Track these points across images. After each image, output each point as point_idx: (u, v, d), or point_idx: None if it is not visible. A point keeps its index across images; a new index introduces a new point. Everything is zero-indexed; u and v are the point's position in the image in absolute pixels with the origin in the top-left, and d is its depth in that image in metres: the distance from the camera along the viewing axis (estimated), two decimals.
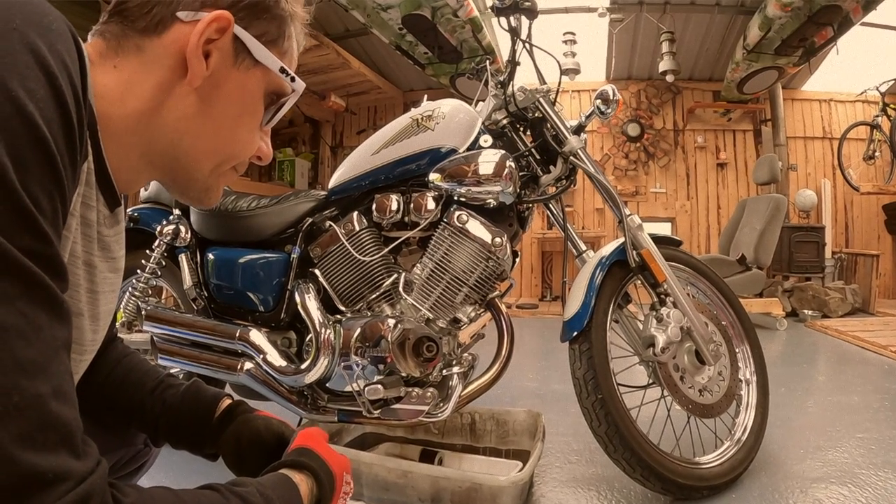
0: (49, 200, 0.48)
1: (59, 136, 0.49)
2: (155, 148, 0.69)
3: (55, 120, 0.49)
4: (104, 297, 0.72)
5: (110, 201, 0.68)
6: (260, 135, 0.77)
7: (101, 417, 0.93)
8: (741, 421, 1.91)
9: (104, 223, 0.69)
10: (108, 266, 0.72)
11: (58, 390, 0.46)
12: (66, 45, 0.53)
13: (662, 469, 1.62)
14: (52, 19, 0.53)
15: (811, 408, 2.68)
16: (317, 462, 0.82)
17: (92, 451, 0.50)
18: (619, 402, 1.63)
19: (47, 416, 0.45)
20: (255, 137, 0.76)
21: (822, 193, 7.25)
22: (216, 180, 0.76)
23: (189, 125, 0.69)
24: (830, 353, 4.15)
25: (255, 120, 0.75)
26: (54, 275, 0.48)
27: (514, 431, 1.91)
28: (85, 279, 0.66)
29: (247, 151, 0.76)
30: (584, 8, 6.02)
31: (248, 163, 0.78)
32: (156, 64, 0.66)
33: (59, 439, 0.45)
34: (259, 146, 0.77)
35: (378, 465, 1.57)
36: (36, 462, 0.43)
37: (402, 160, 1.75)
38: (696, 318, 1.78)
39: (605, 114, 1.84)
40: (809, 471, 1.88)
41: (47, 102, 0.48)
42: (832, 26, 4.98)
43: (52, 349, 0.47)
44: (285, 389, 1.68)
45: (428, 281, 1.65)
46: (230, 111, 0.71)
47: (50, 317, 0.47)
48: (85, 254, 0.65)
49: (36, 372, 0.44)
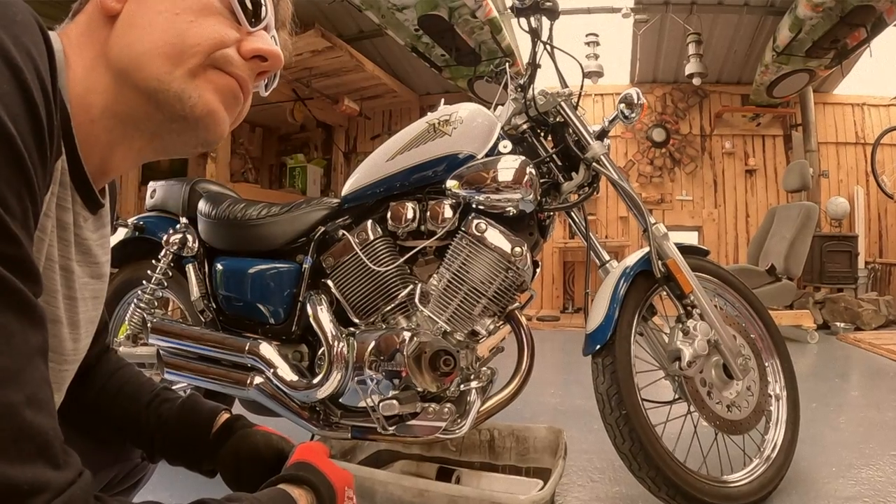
0: (18, 200, 0.47)
1: (26, 132, 0.48)
2: (110, 96, 0.64)
3: (22, 116, 0.47)
4: (84, 303, 0.70)
5: (89, 202, 0.66)
6: (249, 36, 0.69)
7: (96, 432, 0.92)
8: (771, 438, 1.88)
9: (84, 226, 0.67)
10: (89, 272, 0.70)
11: (32, 398, 0.44)
12: (32, 37, 0.51)
13: (689, 488, 1.59)
14: (17, 10, 0.51)
15: (843, 424, 2.64)
16: (317, 476, 0.80)
17: (72, 462, 0.48)
18: (643, 418, 1.61)
19: (21, 425, 0.43)
20: (213, 24, 0.66)
21: (855, 201, 7.15)
22: (187, 83, 0.64)
23: (121, 43, 0.64)
24: (863, 367, 4.14)
25: (202, 10, 0.66)
26: (26, 278, 0.46)
27: (534, 448, 1.88)
28: (62, 285, 0.64)
29: (201, 37, 0.65)
30: (607, 8, 5.96)
31: (247, 67, 0.69)
32: (88, 26, 0.65)
33: (35, 449, 0.44)
34: (248, 43, 0.68)
35: (393, 484, 1.53)
36: (10, 474, 0.41)
37: (418, 167, 1.72)
38: (723, 330, 1.75)
39: (629, 118, 1.82)
40: (842, 490, 1.86)
41: (12, 98, 0.47)
42: (865, 27, 4.92)
43: (24, 356, 0.45)
44: (296, 405, 1.67)
45: (445, 292, 1.62)
46: (161, 10, 0.64)
47: (22, 322, 0.45)
48: (62, 258, 0.64)
49: (7, 381, 0.43)
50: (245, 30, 0.68)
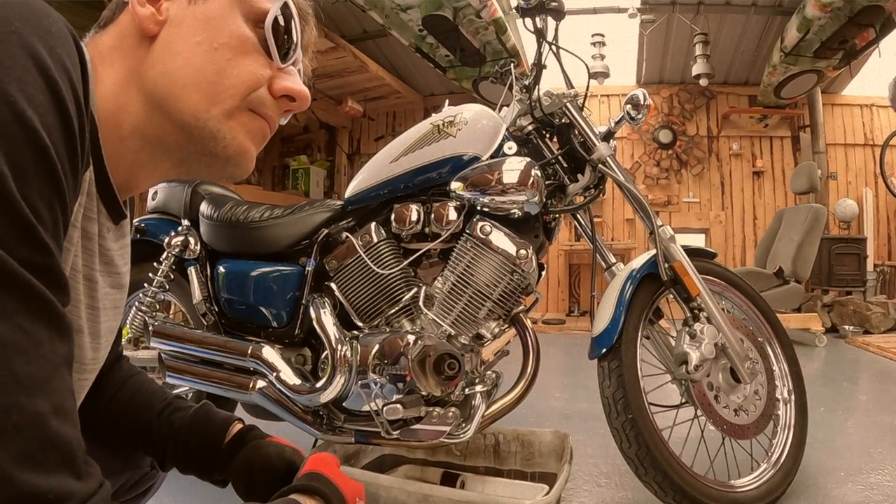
0: (49, 210, 0.47)
1: (59, 143, 0.48)
2: (141, 119, 0.65)
3: (55, 126, 0.48)
4: (105, 313, 0.71)
5: (113, 213, 0.67)
6: (279, 73, 0.70)
7: (107, 439, 0.92)
8: (778, 442, 1.88)
9: (107, 236, 0.68)
10: (111, 282, 0.71)
11: (59, 408, 0.45)
12: (66, 48, 0.52)
13: (696, 492, 1.59)
14: (52, 21, 0.52)
15: (852, 428, 2.64)
16: (328, 487, 0.79)
17: (94, 472, 0.49)
18: (650, 423, 1.61)
19: (48, 435, 0.43)
20: (250, 64, 0.68)
21: (864, 203, 7.12)
22: (222, 124, 0.66)
23: (158, 71, 0.65)
24: (872, 370, 4.13)
25: (242, 44, 0.67)
26: (55, 288, 0.47)
27: (539, 453, 1.85)
28: (85, 294, 0.65)
29: (240, 80, 0.67)
30: (613, 8, 5.96)
31: (277, 107, 0.71)
32: (121, 42, 0.66)
33: (60, 459, 0.44)
34: (278, 82, 0.70)
35: (397, 489, 1.51)
36: (36, 483, 0.42)
37: (422, 168, 1.72)
38: (731, 334, 1.75)
39: (635, 119, 1.80)
40: (850, 494, 1.85)
41: (47, 108, 0.48)
42: (874, 27, 4.92)
43: (52, 365, 0.45)
44: (300, 409, 1.66)
45: (449, 295, 1.61)
46: (198, 39, 0.65)
47: (50, 331, 0.46)
48: (85, 268, 0.64)
49: (36, 389, 0.43)
50: (276, 65, 0.70)
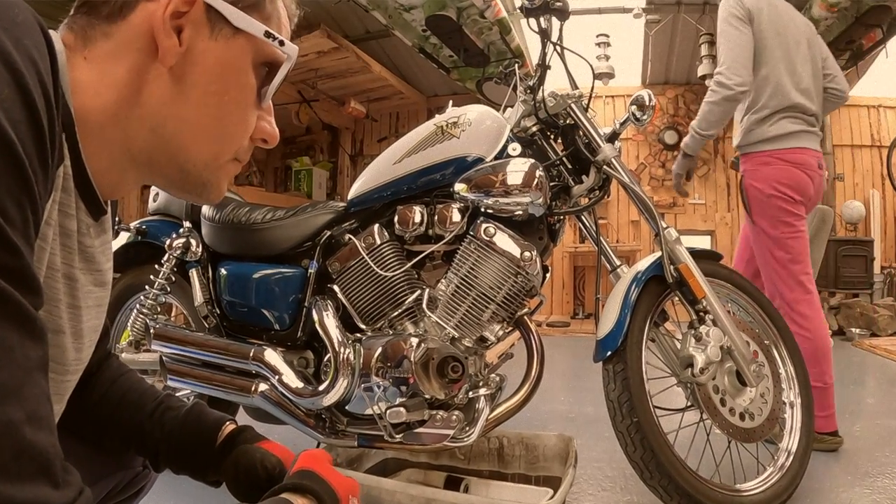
0: (18, 209, 0.45)
1: (27, 138, 0.47)
2: (137, 142, 0.64)
3: (22, 121, 0.46)
4: (88, 312, 0.69)
5: (93, 209, 0.65)
6: (260, 114, 0.73)
7: (97, 440, 0.91)
8: (785, 446, 1.86)
9: (87, 233, 0.66)
10: (93, 279, 0.69)
11: (32, 415, 0.44)
12: (33, 39, 0.50)
13: (701, 497, 1.57)
14: (18, 11, 0.50)
15: (859, 432, 2.62)
16: (320, 485, 0.78)
17: (73, 480, 0.47)
18: (655, 426, 1.60)
19: (21, 443, 0.42)
20: (250, 116, 0.71)
21: (871, 205, 7.10)
22: (214, 174, 0.71)
23: (170, 110, 0.64)
24: (879, 373, 4.12)
25: (247, 96, 0.69)
26: (26, 290, 0.45)
27: (544, 457, 1.85)
28: (65, 293, 0.64)
29: (242, 133, 0.71)
30: (618, 8, 5.92)
31: (250, 149, 0.74)
32: (126, 48, 0.62)
33: (36, 468, 0.43)
34: (260, 126, 0.73)
35: (400, 493, 1.50)
36: (11, 494, 0.40)
37: (425, 169, 1.71)
38: (737, 336, 1.74)
39: (640, 120, 1.80)
40: (857, 498, 1.85)
41: (13, 103, 0.46)
42: (881, 28, 4.90)
43: (24, 371, 0.44)
44: (302, 412, 1.65)
45: (453, 297, 1.61)
46: (213, 88, 0.66)
47: (21, 336, 0.44)
48: (65, 266, 0.63)
49: (8, 396, 0.42)
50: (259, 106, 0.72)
